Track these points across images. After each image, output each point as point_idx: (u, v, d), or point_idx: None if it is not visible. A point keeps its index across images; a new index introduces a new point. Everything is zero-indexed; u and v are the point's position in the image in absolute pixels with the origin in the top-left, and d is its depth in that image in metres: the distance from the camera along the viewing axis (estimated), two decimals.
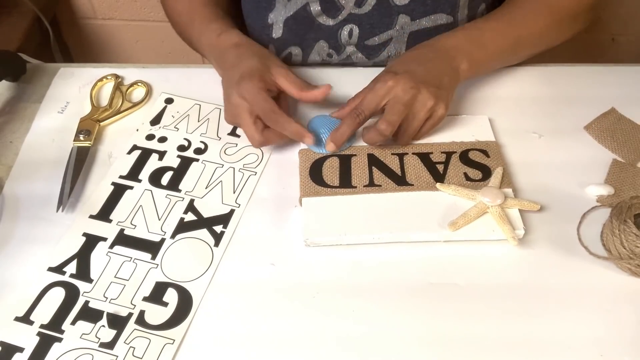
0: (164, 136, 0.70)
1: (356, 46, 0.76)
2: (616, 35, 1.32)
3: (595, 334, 0.53)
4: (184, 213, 0.63)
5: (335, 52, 0.77)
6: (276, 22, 0.76)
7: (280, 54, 0.79)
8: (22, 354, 0.52)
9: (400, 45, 0.76)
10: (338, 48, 0.77)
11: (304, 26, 0.75)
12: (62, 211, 0.62)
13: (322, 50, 0.77)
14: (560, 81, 0.76)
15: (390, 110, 0.63)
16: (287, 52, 0.78)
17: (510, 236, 0.58)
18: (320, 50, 0.77)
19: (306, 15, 0.74)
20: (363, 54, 0.77)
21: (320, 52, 0.77)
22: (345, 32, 0.75)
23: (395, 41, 0.76)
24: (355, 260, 0.59)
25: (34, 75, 0.78)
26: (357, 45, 0.76)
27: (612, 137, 0.69)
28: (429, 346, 0.53)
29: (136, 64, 0.79)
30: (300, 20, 0.75)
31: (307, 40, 0.76)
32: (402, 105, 0.63)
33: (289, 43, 0.77)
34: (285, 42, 0.77)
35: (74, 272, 0.58)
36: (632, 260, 0.56)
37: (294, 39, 0.77)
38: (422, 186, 0.63)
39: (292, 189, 0.64)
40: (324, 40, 0.76)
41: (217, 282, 0.57)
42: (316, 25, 0.75)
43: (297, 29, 0.76)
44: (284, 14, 0.74)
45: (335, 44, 0.76)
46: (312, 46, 0.77)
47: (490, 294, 0.56)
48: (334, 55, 0.77)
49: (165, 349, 0.53)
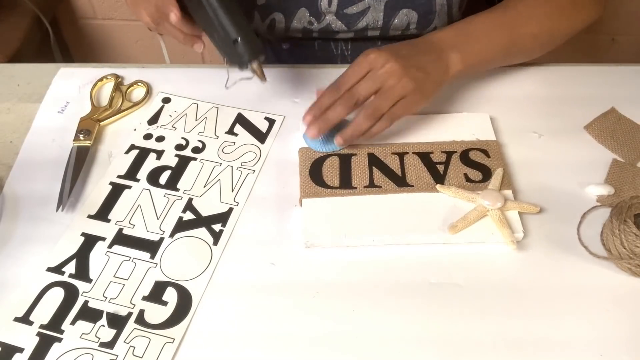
0: (162, 135, 0.70)
1: (335, 14, 0.79)
2: (616, 35, 1.32)
3: (595, 334, 0.53)
4: (183, 212, 0.63)
5: (316, 19, 0.80)
6: None
7: (264, 19, 0.81)
8: (22, 354, 0.52)
9: (377, 14, 0.79)
10: (318, 16, 0.79)
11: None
12: (62, 211, 0.62)
13: (304, 18, 0.80)
14: (560, 81, 0.76)
15: (362, 80, 0.62)
16: (271, 17, 0.81)
17: (510, 240, 0.58)
18: (301, 17, 0.80)
19: None
20: (342, 22, 0.80)
21: (301, 19, 0.80)
22: (324, 1, 0.78)
23: (372, 10, 0.78)
24: (355, 260, 0.59)
25: (34, 75, 0.78)
26: (336, 14, 0.79)
27: (612, 136, 0.69)
28: (429, 346, 0.53)
29: (136, 64, 0.79)
30: None
31: (289, 7, 0.79)
32: (375, 75, 0.62)
33: (272, 9, 0.80)
34: (269, 8, 0.80)
35: (73, 272, 0.58)
36: (632, 260, 0.56)
37: (277, 6, 0.80)
38: (423, 187, 0.63)
39: (292, 188, 0.64)
40: (305, 7, 0.79)
41: (217, 280, 0.57)
42: None
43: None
44: None
45: (315, 11, 0.79)
46: (294, 13, 0.79)
47: (490, 293, 0.56)
48: (314, 22, 0.80)
49: (165, 348, 0.53)
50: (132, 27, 1.38)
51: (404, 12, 0.79)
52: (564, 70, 0.77)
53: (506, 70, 0.77)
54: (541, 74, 0.77)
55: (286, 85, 0.76)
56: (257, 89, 0.75)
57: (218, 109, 0.73)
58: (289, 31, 0.82)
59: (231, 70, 0.70)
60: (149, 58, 1.42)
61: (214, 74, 0.75)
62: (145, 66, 0.79)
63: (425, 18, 0.79)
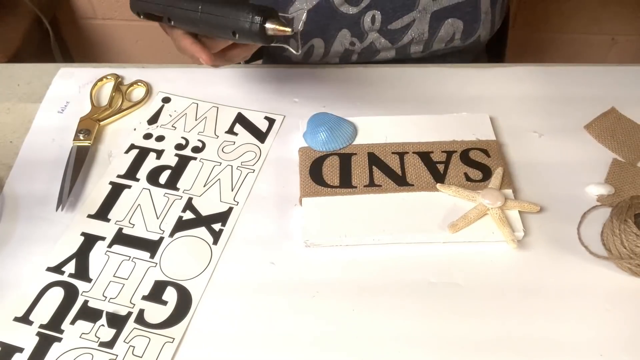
0: (162, 135, 0.70)
1: (379, 31, 0.77)
2: (616, 35, 1.32)
3: (595, 333, 0.53)
4: (182, 211, 0.63)
5: (358, 39, 0.77)
6: (297, 16, 0.74)
7: (302, 47, 0.78)
8: (22, 354, 0.52)
9: (423, 26, 0.77)
10: (361, 35, 0.77)
11: (326, 17, 0.75)
12: (62, 210, 0.62)
13: (345, 39, 0.77)
14: (560, 81, 0.76)
15: None
16: (309, 45, 0.78)
17: (510, 239, 0.58)
18: (342, 40, 0.77)
19: (328, 5, 0.74)
20: (386, 39, 0.77)
21: (342, 41, 0.77)
22: (367, 19, 0.75)
23: (417, 22, 0.76)
24: (355, 259, 0.59)
25: (34, 75, 0.78)
26: (379, 31, 0.77)
27: (612, 136, 0.69)
28: (429, 346, 0.53)
29: (136, 64, 0.79)
30: (322, 11, 0.75)
31: (330, 30, 0.76)
32: None
33: (310, 35, 0.77)
34: (307, 35, 0.77)
35: (72, 272, 0.58)
36: (632, 260, 0.56)
37: (316, 31, 0.77)
38: (423, 187, 0.63)
39: (291, 187, 0.64)
40: (347, 28, 0.76)
41: (216, 280, 0.57)
42: (338, 14, 0.75)
43: (318, 20, 0.75)
44: (305, 6, 0.74)
45: (357, 31, 0.76)
46: (334, 36, 0.77)
47: (490, 293, 0.56)
48: (356, 43, 0.77)
49: (165, 347, 0.53)
50: (132, 27, 1.38)
51: (450, 22, 0.77)
52: (564, 70, 0.77)
53: (506, 70, 0.77)
54: (541, 74, 0.77)
55: (286, 85, 0.76)
56: (257, 88, 0.75)
57: (218, 109, 0.73)
58: (327, 56, 0.79)
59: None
60: (149, 58, 1.42)
61: (214, 74, 0.75)
62: (145, 66, 0.79)
63: (471, 27, 0.78)
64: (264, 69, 0.78)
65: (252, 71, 0.78)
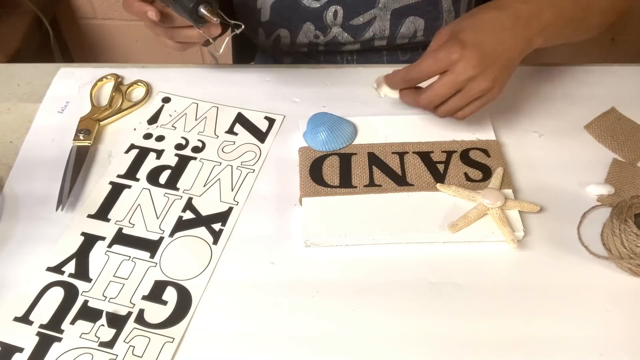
0: (162, 135, 0.70)
1: (341, 26, 0.79)
2: (616, 35, 1.32)
3: (595, 333, 0.53)
4: (182, 211, 0.63)
5: (322, 33, 0.80)
6: (264, 7, 0.79)
7: (269, 36, 0.82)
8: (22, 354, 0.52)
9: (384, 23, 0.79)
10: (324, 29, 0.79)
11: (290, 9, 0.78)
12: (62, 210, 0.62)
13: (309, 32, 0.80)
14: (560, 81, 0.76)
15: (441, 83, 0.59)
16: (276, 34, 0.81)
17: (510, 239, 0.58)
18: (307, 32, 0.80)
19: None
20: (349, 34, 0.80)
21: (307, 33, 0.80)
22: (330, 14, 0.78)
23: (378, 19, 0.78)
24: (355, 259, 0.59)
25: (34, 75, 0.78)
26: (342, 26, 0.79)
27: (612, 136, 0.69)
28: (429, 345, 0.53)
29: (136, 64, 0.79)
30: (287, 4, 0.77)
31: (294, 22, 0.79)
32: (457, 83, 0.58)
33: (276, 25, 0.80)
34: (273, 25, 0.80)
35: (72, 272, 0.58)
36: (632, 259, 0.56)
37: (281, 22, 0.80)
38: (423, 186, 0.63)
39: (291, 187, 0.64)
40: (310, 22, 0.79)
41: (216, 280, 0.57)
42: (302, 8, 0.77)
43: (283, 12, 0.78)
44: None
45: (321, 25, 0.79)
46: (299, 28, 0.79)
47: (490, 293, 0.56)
48: (320, 36, 0.80)
49: (165, 347, 0.53)
50: (132, 27, 1.39)
51: (410, 20, 0.78)
52: (564, 70, 0.77)
53: None
54: (541, 74, 0.77)
55: (286, 85, 0.76)
56: (257, 88, 0.75)
57: (218, 109, 0.73)
58: (294, 46, 0.82)
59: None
60: (149, 58, 1.42)
61: (213, 73, 0.75)
62: (145, 66, 0.79)
63: (433, 25, 0.79)
64: (264, 69, 0.78)
65: (252, 71, 0.78)
